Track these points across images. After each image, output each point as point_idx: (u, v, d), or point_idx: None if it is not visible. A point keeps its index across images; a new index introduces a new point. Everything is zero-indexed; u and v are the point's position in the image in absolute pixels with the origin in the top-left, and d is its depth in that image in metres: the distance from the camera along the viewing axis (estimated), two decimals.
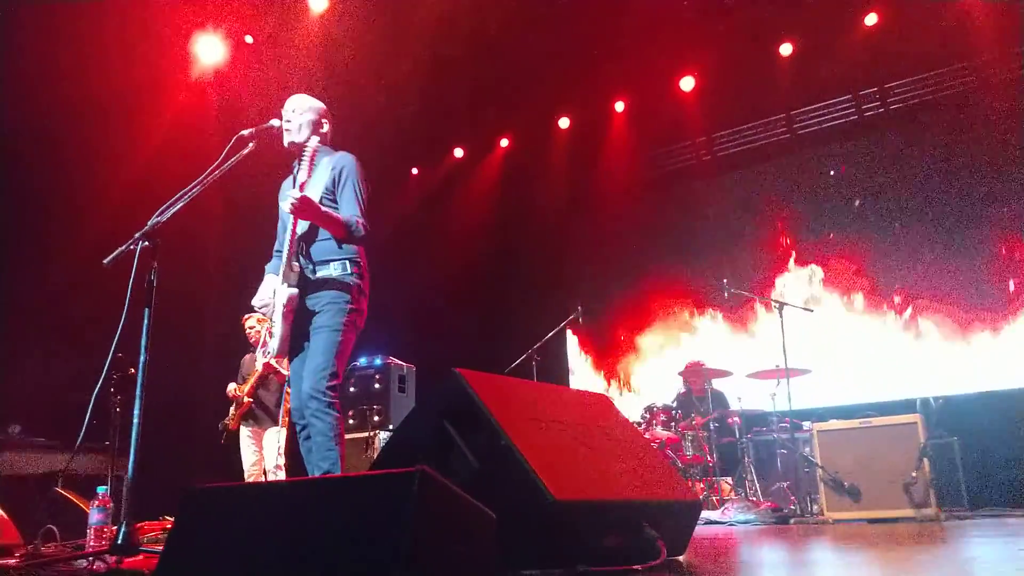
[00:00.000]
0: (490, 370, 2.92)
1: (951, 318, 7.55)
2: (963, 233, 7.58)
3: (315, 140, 3.47)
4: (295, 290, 3.28)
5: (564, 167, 9.75)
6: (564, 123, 9.62)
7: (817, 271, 8.39)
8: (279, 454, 5.93)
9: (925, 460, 5.19)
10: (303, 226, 3.36)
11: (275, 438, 6.02)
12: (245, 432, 6.13)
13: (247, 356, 6.25)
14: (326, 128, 3.61)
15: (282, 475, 5.86)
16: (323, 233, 3.38)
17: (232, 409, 6.11)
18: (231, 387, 6.16)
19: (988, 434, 6.44)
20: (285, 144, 3.52)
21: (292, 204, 3.15)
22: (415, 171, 10.31)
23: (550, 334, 6.93)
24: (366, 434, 7.27)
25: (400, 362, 7.87)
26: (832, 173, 8.31)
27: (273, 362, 5.78)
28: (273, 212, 3.70)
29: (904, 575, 2.30)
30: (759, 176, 8.95)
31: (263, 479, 6.01)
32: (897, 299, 7.88)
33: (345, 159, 3.51)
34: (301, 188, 3.29)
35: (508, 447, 2.36)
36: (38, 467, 5.60)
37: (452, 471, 2.47)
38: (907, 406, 5.75)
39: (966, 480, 6.02)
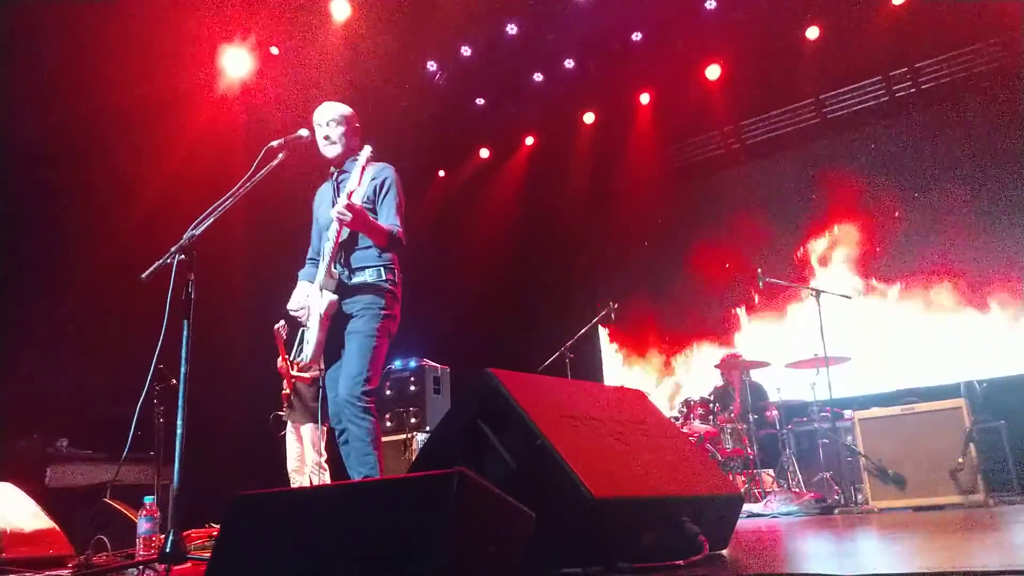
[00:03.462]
0: (523, 369, 2.91)
1: (992, 299, 7.39)
2: (1002, 212, 7.41)
3: (368, 149, 3.52)
4: (335, 296, 3.31)
5: (590, 162, 9.72)
6: (589, 118, 9.59)
7: (854, 256, 8.26)
8: (319, 452, 5.99)
9: (971, 445, 5.08)
10: (344, 233, 3.40)
11: (314, 434, 6.07)
12: (289, 425, 6.21)
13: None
14: (359, 133, 3.67)
15: (324, 473, 5.92)
16: (363, 241, 3.43)
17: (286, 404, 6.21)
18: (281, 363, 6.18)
19: None
20: (329, 156, 3.56)
21: (340, 213, 3.19)
22: (442, 173, 10.36)
23: (582, 331, 6.91)
24: (403, 436, 7.32)
25: (434, 364, 7.91)
26: None
27: (294, 370, 5.89)
28: (303, 219, 3.74)
29: (956, 563, 2.25)
30: (790, 162, 8.84)
31: (305, 473, 6.08)
32: (936, 281, 7.72)
33: (387, 171, 3.56)
34: (349, 196, 3.33)
35: (544, 446, 2.35)
36: (86, 479, 5.73)
37: (489, 471, 2.47)
38: (951, 391, 5.63)
39: (1015, 464, 5.86)
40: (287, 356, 6.10)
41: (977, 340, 7.34)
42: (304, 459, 6.12)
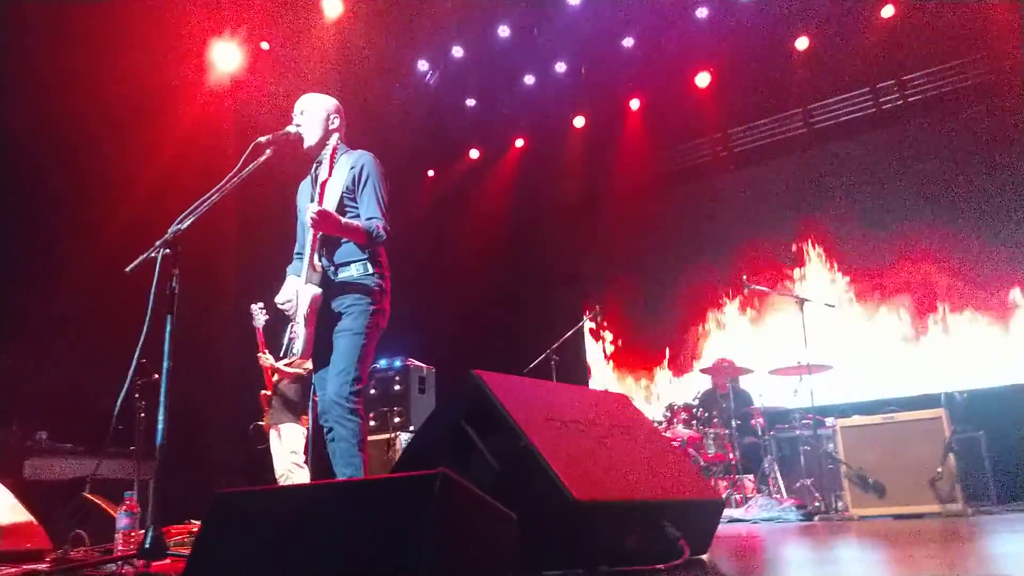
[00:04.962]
0: (509, 370, 2.92)
1: (974, 311, 7.46)
2: (986, 225, 7.48)
3: (335, 138, 3.43)
4: (319, 290, 3.28)
5: (580, 166, 9.75)
6: (579, 122, 9.62)
7: (838, 265, 8.32)
8: (297, 452, 5.93)
9: (950, 455, 5.13)
10: None
11: (294, 433, 6.00)
12: (272, 432, 6.14)
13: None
14: (337, 124, 3.55)
15: (302, 472, 5.85)
16: None
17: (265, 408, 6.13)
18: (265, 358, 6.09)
19: (1015, 428, 6.35)
20: (304, 146, 3.52)
21: (311, 218, 3.16)
22: (431, 173, 10.35)
23: (568, 334, 6.93)
24: (387, 436, 7.30)
25: (420, 364, 7.90)
26: None
27: (282, 365, 5.83)
28: (289, 215, 3.72)
29: (933, 572, 2.27)
30: (777, 171, 8.89)
31: (291, 478, 6.01)
32: (919, 292, 7.79)
33: (364, 158, 3.48)
34: (322, 186, 3.28)
35: (528, 448, 2.36)
36: (66, 473, 5.67)
37: (472, 473, 2.47)
38: (931, 401, 5.68)
39: (993, 475, 5.93)
40: (267, 348, 6.04)
41: (959, 352, 7.41)
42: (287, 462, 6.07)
